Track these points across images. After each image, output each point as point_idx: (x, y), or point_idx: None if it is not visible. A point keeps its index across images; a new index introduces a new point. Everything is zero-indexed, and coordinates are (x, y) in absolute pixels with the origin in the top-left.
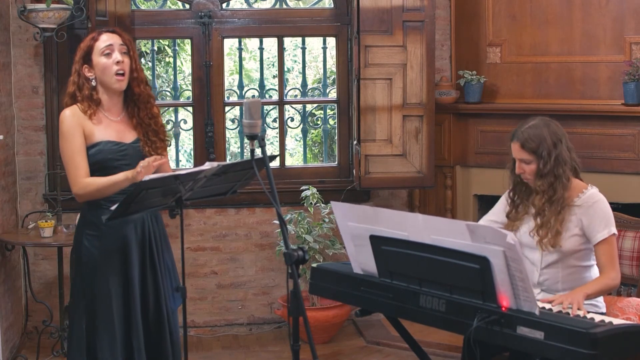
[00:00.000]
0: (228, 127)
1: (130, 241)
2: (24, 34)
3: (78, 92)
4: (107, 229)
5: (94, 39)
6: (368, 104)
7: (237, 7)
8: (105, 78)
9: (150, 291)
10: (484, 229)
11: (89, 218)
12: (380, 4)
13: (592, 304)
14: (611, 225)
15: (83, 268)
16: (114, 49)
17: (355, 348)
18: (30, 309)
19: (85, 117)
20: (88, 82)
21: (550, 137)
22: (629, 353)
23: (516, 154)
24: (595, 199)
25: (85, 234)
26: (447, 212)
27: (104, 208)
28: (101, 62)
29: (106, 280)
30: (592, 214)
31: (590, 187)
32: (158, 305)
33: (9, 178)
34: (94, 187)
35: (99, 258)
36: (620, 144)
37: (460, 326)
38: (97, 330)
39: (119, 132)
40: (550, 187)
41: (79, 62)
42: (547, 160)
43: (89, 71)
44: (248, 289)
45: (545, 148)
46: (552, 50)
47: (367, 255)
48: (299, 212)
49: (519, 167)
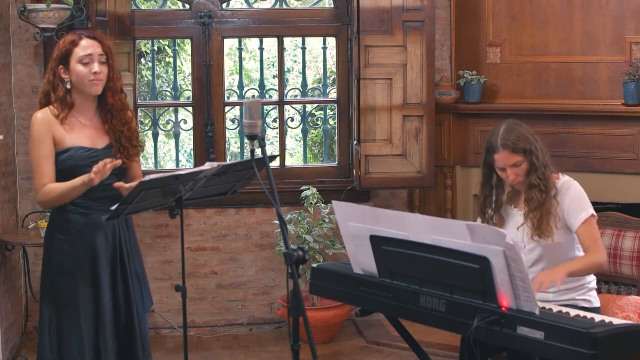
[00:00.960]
0: (228, 127)
1: (100, 246)
2: (24, 34)
3: (52, 93)
4: (77, 233)
5: (74, 43)
6: (368, 104)
7: (237, 7)
8: (80, 83)
9: (121, 296)
10: (484, 229)
11: (59, 222)
12: (380, 4)
13: (584, 298)
14: (588, 207)
15: (51, 270)
16: (93, 59)
17: (355, 348)
18: (30, 309)
19: (57, 121)
20: (63, 83)
21: (528, 133)
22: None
23: (507, 161)
24: (568, 185)
25: (55, 237)
26: (447, 212)
27: (71, 213)
28: (77, 69)
29: (75, 284)
30: (570, 200)
31: (562, 176)
32: (129, 310)
33: (9, 178)
34: (55, 194)
35: (69, 262)
36: (620, 144)
37: (460, 326)
38: (64, 331)
39: (91, 137)
40: (543, 178)
41: (56, 61)
42: (537, 153)
43: (65, 73)
44: (248, 289)
45: (531, 142)
46: (552, 50)
47: (367, 255)
48: (299, 212)
49: (512, 173)
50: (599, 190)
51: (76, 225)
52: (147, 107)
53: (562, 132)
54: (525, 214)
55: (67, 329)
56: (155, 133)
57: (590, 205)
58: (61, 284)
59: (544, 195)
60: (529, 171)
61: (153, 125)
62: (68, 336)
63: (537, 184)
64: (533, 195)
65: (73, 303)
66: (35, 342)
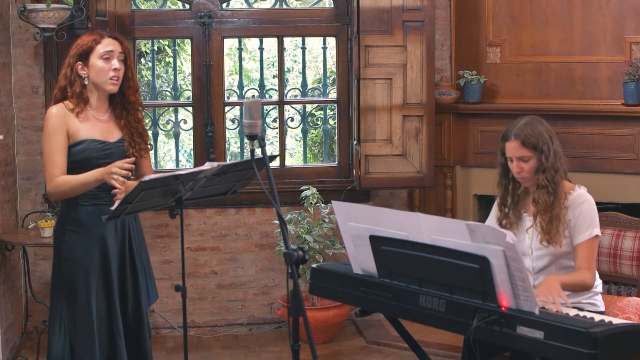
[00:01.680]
0: (228, 127)
1: (109, 239)
2: (24, 34)
3: (69, 88)
4: (88, 226)
5: (96, 41)
6: (368, 104)
7: (237, 7)
8: (99, 80)
9: (130, 288)
10: (484, 229)
11: (70, 214)
12: (380, 4)
13: (590, 302)
14: (594, 226)
15: (63, 263)
16: (113, 56)
17: (355, 348)
18: (30, 309)
19: (72, 115)
20: (80, 79)
21: (546, 133)
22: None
23: (515, 152)
24: (582, 199)
25: (66, 229)
26: (447, 212)
27: (82, 206)
28: (98, 64)
29: (86, 275)
30: (579, 214)
31: (578, 187)
32: (137, 302)
33: (9, 178)
34: (67, 187)
35: (79, 253)
36: (620, 144)
37: (460, 326)
38: (76, 324)
39: (104, 131)
40: (552, 181)
41: (74, 57)
42: (548, 154)
43: (82, 69)
44: (248, 289)
45: (545, 142)
46: (552, 50)
47: (367, 255)
48: (299, 212)
49: (517, 166)
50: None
51: (87, 218)
52: (147, 107)
53: (562, 132)
54: (534, 215)
55: (78, 323)
56: (155, 133)
57: (597, 224)
58: (73, 276)
59: (551, 198)
60: (537, 170)
61: (153, 125)
62: (79, 330)
63: (544, 184)
64: (540, 196)
65: (85, 296)
66: (35, 342)
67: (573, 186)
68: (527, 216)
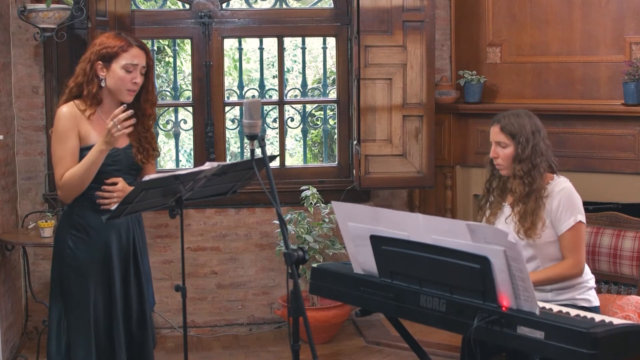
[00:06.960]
0: (228, 127)
1: (113, 245)
2: (24, 34)
3: (85, 86)
4: (92, 231)
5: (123, 49)
6: (368, 104)
7: (237, 7)
8: (116, 88)
9: (134, 295)
10: (484, 229)
11: (75, 219)
12: (380, 4)
13: (584, 297)
14: (578, 212)
15: (64, 268)
16: (137, 69)
17: (355, 348)
18: (30, 309)
19: (84, 116)
20: (98, 79)
21: (529, 126)
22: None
23: (494, 137)
24: (560, 187)
25: (70, 234)
26: (447, 212)
27: (87, 210)
28: (120, 74)
29: (86, 282)
30: (558, 203)
31: (557, 177)
32: (142, 309)
33: (9, 178)
34: (77, 176)
35: (82, 259)
36: (620, 144)
37: (460, 326)
38: (72, 330)
39: None
40: (528, 174)
41: (96, 55)
42: (525, 145)
43: (102, 70)
44: (248, 289)
45: (524, 135)
46: (552, 50)
47: (367, 255)
48: (299, 212)
49: (494, 151)
50: (599, 190)
51: (91, 223)
52: None
53: (562, 132)
54: (512, 205)
55: (76, 328)
56: (155, 133)
57: (580, 210)
58: (72, 281)
59: (526, 189)
60: (513, 159)
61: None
62: (76, 336)
63: (520, 175)
64: (516, 186)
65: (84, 302)
66: (35, 342)
67: (552, 176)
68: (506, 205)
